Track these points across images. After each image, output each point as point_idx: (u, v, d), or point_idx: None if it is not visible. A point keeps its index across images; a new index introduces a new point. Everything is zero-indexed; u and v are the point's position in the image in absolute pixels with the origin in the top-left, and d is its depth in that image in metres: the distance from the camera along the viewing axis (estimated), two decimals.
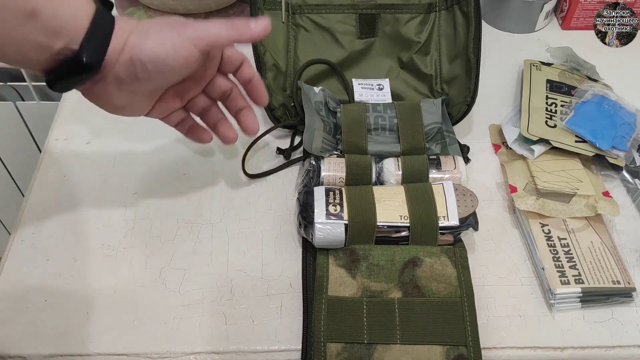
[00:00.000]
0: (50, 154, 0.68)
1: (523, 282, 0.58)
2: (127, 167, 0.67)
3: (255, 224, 0.62)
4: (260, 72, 0.69)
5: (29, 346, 0.53)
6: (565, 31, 0.87)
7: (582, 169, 0.65)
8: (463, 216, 0.57)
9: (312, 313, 0.53)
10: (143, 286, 0.57)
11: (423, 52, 0.72)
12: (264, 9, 0.71)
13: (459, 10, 0.70)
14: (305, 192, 0.59)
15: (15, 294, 0.56)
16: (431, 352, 0.51)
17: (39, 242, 0.60)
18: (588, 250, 0.58)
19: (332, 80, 0.73)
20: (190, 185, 0.65)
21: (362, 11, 0.72)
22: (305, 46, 0.72)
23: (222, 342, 0.53)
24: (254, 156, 0.69)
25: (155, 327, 0.54)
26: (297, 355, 0.53)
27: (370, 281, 0.55)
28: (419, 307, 0.53)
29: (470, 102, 0.67)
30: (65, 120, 0.72)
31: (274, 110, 0.69)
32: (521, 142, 0.68)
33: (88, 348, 0.53)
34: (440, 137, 0.66)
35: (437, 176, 0.62)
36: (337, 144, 0.65)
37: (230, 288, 0.57)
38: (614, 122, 0.67)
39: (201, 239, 0.61)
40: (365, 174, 0.62)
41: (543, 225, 0.60)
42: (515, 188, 0.63)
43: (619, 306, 0.56)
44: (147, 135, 0.70)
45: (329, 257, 0.56)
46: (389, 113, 0.66)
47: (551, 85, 0.72)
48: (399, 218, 0.56)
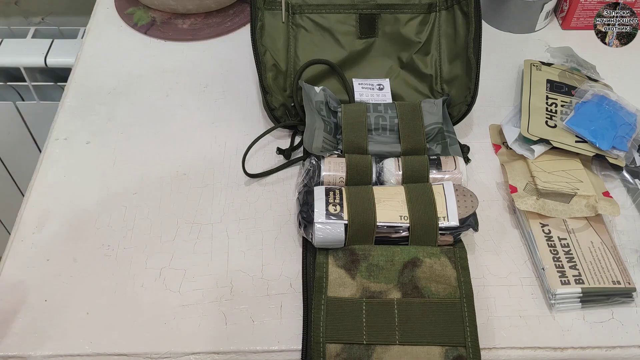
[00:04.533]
0: (50, 154, 0.68)
1: (523, 282, 0.58)
2: (127, 167, 0.67)
3: (255, 224, 0.62)
4: (260, 72, 0.69)
5: (29, 346, 0.53)
6: (565, 31, 0.87)
7: (583, 169, 0.65)
8: (463, 217, 0.57)
9: (312, 313, 0.53)
10: (143, 286, 0.57)
11: (423, 52, 0.72)
12: (264, 9, 0.71)
13: (459, 10, 0.70)
14: (305, 191, 0.59)
15: (15, 294, 0.56)
16: (430, 352, 0.51)
17: (39, 242, 0.60)
18: (588, 251, 0.58)
19: (333, 80, 0.73)
20: (190, 185, 0.65)
21: (362, 11, 0.72)
22: (305, 46, 0.72)
23: (222, 342, 0.53)
24: (254, 156, 0.69)
25: (155, 327, 0.54)
26: (297, 356, 0.53)
27: (369, 282, 0.55)
28: (419, 307, 0.53)
29: (470, 102, 0.67)
30: (65, 120, 0.72)
31: (274, 110, 0.69)
32: (521, 142, 0.68)
33: (88, 348, 0.53)
34: (440, 137, 0.66)
35: (437, 176, 0.62)
36: (337, 144, 0.65)
37: (230, 288, 0.57)
38: (614, 122, 0.67)
39: (201, 239, 0.61)
40: (366, 174, 0.62)
41: (543, 226, 0.60)
42: (516, 188, 0.63)
43: (619, 306, 0.56)
44: (147, 135, 0.70)
45: (329, 258, 0.56)
46: (389, 113, 0.66)
47: (551, 85, 0.72)
48: (398, 218, 0.56)
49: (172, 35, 0.83)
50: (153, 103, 0.74)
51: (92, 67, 0.79)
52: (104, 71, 0.78)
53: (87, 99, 0.75)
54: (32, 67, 1.07)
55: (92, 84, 0.77)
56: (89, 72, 0.78)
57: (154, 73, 0.78)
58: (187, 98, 0.75)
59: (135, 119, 0.72)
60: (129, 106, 0.74)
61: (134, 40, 0.83)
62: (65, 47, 1.07)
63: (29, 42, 1.10)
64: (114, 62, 0.80)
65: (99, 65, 0.79)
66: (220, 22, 0.86)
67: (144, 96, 0.75)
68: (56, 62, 1.06)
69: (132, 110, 0.73)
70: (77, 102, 0.74)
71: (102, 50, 0.81)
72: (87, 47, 0.82)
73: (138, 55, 0.81)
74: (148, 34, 0.84)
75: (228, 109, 0.74)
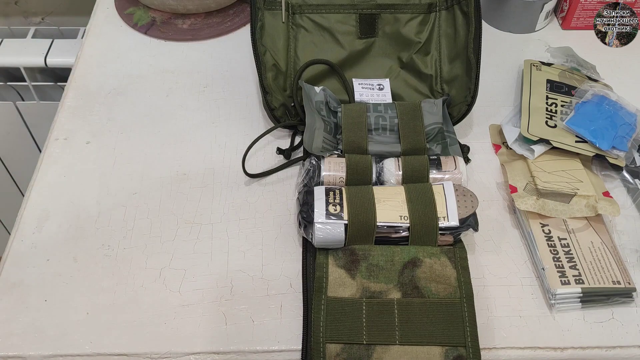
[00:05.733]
0: (50, 154, 0.68)
1: (523, 282, 0.58)
2: (127, 167, 0.67)
3: (255, 224, 0.62)
4: (260, 72, 0.69)
5: (29, 346, 0.53)
6: (566, 31, 0.87)
7: (583, 169, 0.65)
8: (463, 217, 0.57)
9: (312, 313, 0.53)
10: (143, 286, 0.57)
11: (423, 52, 0.72)
12: (264, 9, 0.71)
13: (459, 10, 0.70)
14: (305, 191, 0.59)
15: (15, 294, 0.56)
16: (430, 352, 0.51)
17: (39, 242, 0.60)
18: (588, 251, 0.58)
19: (333, 80, 0.73)
20: (190, 185, 0.65)
21: (362, 11, 0.72)
22: (305, 46, 0.72)
23: (222, 342, 0.53)
24: (254, 156, 0.69)
25: (155, 327, 0.54)
26: (297, 356, 0.53)
27: (369, 282, 0.55)
28: (419, 307, 0.53)
29: (470, 102, 0.67)
30: (65, 120, 0.72)
31: (274, 110, 0.69)
32: (521, 142, 0.68)
33: (88, 348, 0.53)
34: (440, 137, 0.66)
35: (437, 176, 0.62)
36: (337, 144, 0.65)
37: (230, 288, 0.57)
38: (614, 122, 0.67)
39: (201, 239, 0.61)
40: (366, 174, 0.62)
41: (543, 226, 0.60)
42: (516, 188, 0.63)
43: (619, 306, 0.56)
44: (147, 135, 0.70)
45: (329, 258, 0.56)
46: (389, 113, 0.66)
47: (551, 85, 0.72)
48: (399, 218, 0.56)
49: (172, 35, 0.83)
50: (153, 103, 0.74)
51: (92, 67, 0.79)
52: (104, 71, 0.78)
53: (87, 99, 0.75)
54: (32, 67, 1.07)
55: (92, 84, 0.77)
56: (89, 72, 0.78)
57: (154, 73, 0.78)
58: (187, 98, 0.75)
59: (135, 119, 0.72)
60: (129, 106, 0.74)
61: (134, 40, 0.83)
62: (65, 47, 1.07)
63: (29, 42, 1.10)
64: (114, 62, 0.80)
65: (99, 65, 0.79)
66: (220, 22, 0.86)
67: (144, 96, 0.75)
68: (56, 62, 1.06)
69: (132, 110, 0.73)
70: (77, 102, 0.74)
71: (102, 50, 0.81)
72: (87, 47, 0.82)
73: (138, 55, 0.81)
74: (148, 34, 0.84)
75: (228, 109, 0.74)
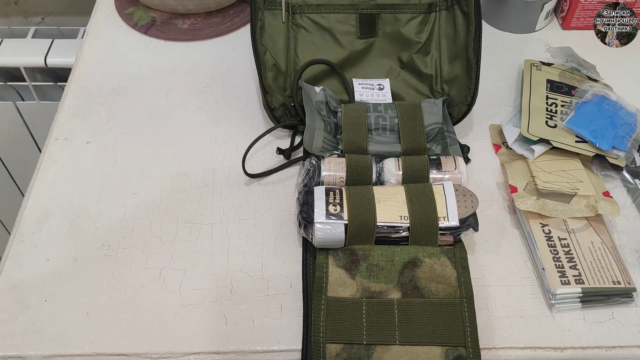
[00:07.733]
0: (50, 154, 0.68)
1: (523, 282, 0.58)
2: (127, 167, 0.67)
3: (255, 224, 0.62)
4: (260, 72, 0.69)
5: (28, 346, 0.53)
6: (566, 31, 0.87)
7: (583, 169, 0.65)
8: (463, 217, 0.57)
9: (312, 313, 0.53)
10: (143, 286, 0.57)
11: (423, 52, 0.72)
12: (264, 9, 0.71)
13: (459, 10, 0.70)
14: (305, 191, 0.59)
15: (15, 294, 0.56)
16: (430, 352, 0.51)
17: (39, 242, 0.60)
18: (588, 251, 0.58)
19: (333, 80, 0.73)
20: (190, 185, 0.65)
21: (362, 11, 0.72)
22: (305, 46, 0.72)
23: (222, 342, 0.53)
24: (254, 156, 0.69)
25: (155, 327, 0.54)
26: (297, 356, 0.53)
27: (369, 282, 0.55)
28: (419, 307, 0.53)
29: (470, 102, 0.67)
30: (65, 120, 0.72)
31: (274, 110, 0.69)
32: (521, 142, 0.68)
33: (88, 348, 0.53)
34: (441, 137, 0.66)
35: (437, 176, 0.62)
36: (337, 144, 0.65)
37: (230, 288, 0.57)
38: (614, 122, 0.67)
39: (201, 239, 0.61)
40: (366, 174, 0.62)
41: (543, 226, 0.60)
42: (516, 188, 0.63)
43: (619, 306, 0.56)
44: (147, 135, 0.70)
45: (329, 258, 0.56)
46: (389, 113, 0.66)
47: (551, 85, 0.72)
48: (399, 218, 0.56)
49: (172, 35, 0.83)
50: (153, 103, 0.74)
51: (92, 67, 0.79)
52: (104, 71, 0.78)
53: (87, 99, 0.75)
54: (32, 67, 1.07)
55: (92, 84, 0.77)
56: (89, 72, 0.78)
57: (154, 73, 0.78)
58: (187, 98, 0.75)
59: (135, 119, 0.72)
60: (129, 106, 0.74)
61: (134, 40, 0.83)
62: (65, 47, 1.07)
63: (29, 42, 1.10)
64: (114, 62, 0.80)
65: (99, 65, 0.79)
66: (220, 22, 0.86)
67: (144, 96, 0.75)
68: (56, 62, 1.06)
69: (132, 110, 0.73)
70: (77, 102, 0.74)
71: (102, 50, 0.81)
72: (87, 47, 0.82)
73: (138, 55, 0.81)
74: (148, 34, 0.84)
75: (228, 109, 0.74)
